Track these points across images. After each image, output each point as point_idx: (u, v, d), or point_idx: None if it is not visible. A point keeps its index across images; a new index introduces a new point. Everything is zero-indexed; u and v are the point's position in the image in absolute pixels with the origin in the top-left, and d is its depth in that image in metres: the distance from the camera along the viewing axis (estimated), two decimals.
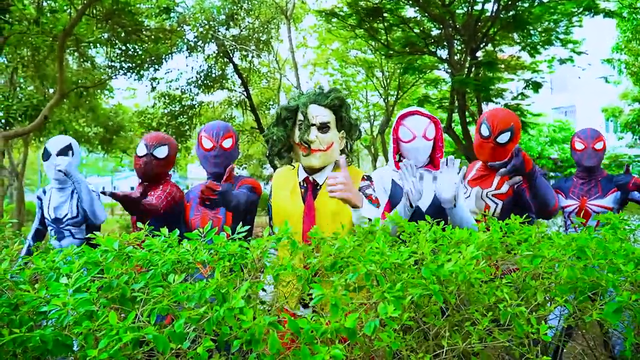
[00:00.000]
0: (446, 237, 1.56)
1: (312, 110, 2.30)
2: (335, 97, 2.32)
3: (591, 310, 1.37)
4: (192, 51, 13.47)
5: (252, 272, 1.38)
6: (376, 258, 1.22)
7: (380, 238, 1.36)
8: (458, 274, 1.17)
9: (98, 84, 11.54)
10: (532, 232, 1.61)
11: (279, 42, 18.44)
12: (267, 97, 19.62)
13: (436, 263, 1.20)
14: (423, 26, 15.24)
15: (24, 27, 8.39)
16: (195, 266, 1.41)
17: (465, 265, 1.17)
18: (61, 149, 3.55)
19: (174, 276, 1.24)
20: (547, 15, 14.04)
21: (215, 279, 1.17)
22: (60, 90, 7.65)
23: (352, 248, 1.34)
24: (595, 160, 3.49)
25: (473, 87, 13.84)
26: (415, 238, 1.55)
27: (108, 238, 1.49)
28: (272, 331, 1.05)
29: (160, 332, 1.05)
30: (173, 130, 15.40)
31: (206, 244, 1.46)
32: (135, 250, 1.47)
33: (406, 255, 1.24)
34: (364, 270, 1.16)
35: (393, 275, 1.24)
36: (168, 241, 1.49)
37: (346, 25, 15.06)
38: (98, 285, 1.27)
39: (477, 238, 1.43)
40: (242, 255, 1.37)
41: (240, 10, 13.78)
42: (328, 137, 2.30)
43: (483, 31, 14.30)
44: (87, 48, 10.30)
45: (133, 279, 1.33)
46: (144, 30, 9.37)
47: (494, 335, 1.27)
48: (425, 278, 1.17)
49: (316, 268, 1.37)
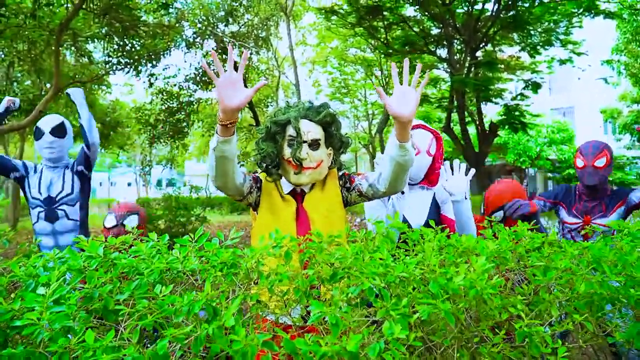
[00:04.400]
0: (452, 245, 1.47)
1: (304, 126, 2.19)
2: (327, 113, 2.22)
3: (610, 327, 1.28)
4: (190, 47, 13.37)
5: (245, 283, 1.28)
6: (380, 270, 1.12)
7: (383, 247, 1.26)
8: (469, 289, 1.08)
9: (95, 78, 11.42)
10: (542, 240, 1.52)
11: (278, 40, 18.36)
12: (266, 95, 19.54)
13: (445, 276, 1.11)
14: (423, 25, 15.19)
15: (21, 20, 8.27)
16: (183, 276, 1.31)
17: (477, 279, 1.07)
18: (54, 127, 3.47)
19: (160, 287, 1.14)
20: (547, 15, 14.00)
21: (205, 291, 1.07)
22: (57, 84, 7.54)
23: (353, 258, 1.25)
24: (596, 178, 3.26)
25: (473, 86, 13.80)
26: (421, 247, 1.45)
27: (92, 242, 1.39)
28: (267, 353, 0.97)
29: (142, 353, 0.96)
30: (170, 126, 15.31)
31: (197, 251, 1.36)
32: (122, 256, 1.37)
33: (412, 267, 1.14)
34: (368, 285, 1.06)
35: (398, 288, 1.14)
36: (157, 247, 1.39)
37: (346, 23, 15.00)
38: (79, 296, 1.17)
39: (486, 247, 1.34)
40: (235, 264, 1.27)
41: (240, 7, 13.68)
42: (318, 155, 2.21)
43: (483, 31, 14.26)
44: (84, 43, 10.18)
45: (118, 289, 1.24)
46: (141, 25, 9.25)
47: (505, 353, 1.18)
48: (434, 294, 1.07)
49: (313, 279, 1.27)
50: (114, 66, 10.40)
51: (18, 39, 9.05)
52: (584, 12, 14.06)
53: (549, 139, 25.79)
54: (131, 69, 10.47)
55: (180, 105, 15.32)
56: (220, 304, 1.10)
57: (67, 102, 14.34)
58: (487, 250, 1.31)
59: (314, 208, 2.23)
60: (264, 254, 1.30)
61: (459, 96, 14.34)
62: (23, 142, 18.25)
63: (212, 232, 1.49)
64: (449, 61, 14.53)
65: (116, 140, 18.70)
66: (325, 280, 1.26)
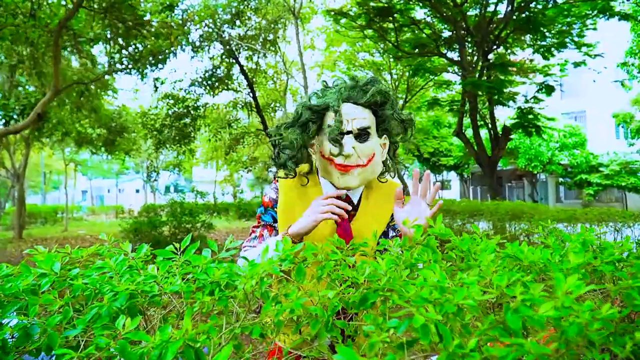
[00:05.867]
0: (511, 256, 1.13)
1: (347, 112, 1.67)
2: (376, 91, 1.69)
3: None
4: (196, 51, 13.14)
5: (241, 314, 0.94)
6: (433, 295, 0.78)
7: (434, 265, 0.92)
8: (566, 326, 0.74)
9: (95, 79, 11.16)
10: (626, 249, 1.18)
11: (286, 43, 18.11)
12: (273, 99, 19.28)
13: (526, 304, 0.77)
14: (434, 28, 14.91)
15: (20, 20, 8.03)
16: (161, 301, 0.97)
17: (581, 310, 0.73)
18: None
19: (124, 320, 0.81)
20: (560, 17, 13.70)
21: (184, 328, 0.74)
22: (56, 85, 7.26)
23: (389, 276, 0.91)
24: None
25: (485, 89, 13.50)
26: (469, 258, 1.11)
27: (48, 255, 1.06)
28: None
29: None
30: (176, 131, 15.11)
31: (183, 267, 1.02)
32: (89, 272, 1.05)
33: (476, 289, 0.80)
34: (422, 321, 0.71)
35: (457, 321, 0.81)
36: (129, 262, 1.05)
37: (355, 25, 14.74)
38: (13, 331, 0.85)
39: (565, 259, 1.01)
40: (231, 284, 0.94)
41: (247, 9, 13.44)
42: (369, 147, 1.68)
43: (495, 33, 13.97)
44: (84, 44, 9.94)
45: (72, 319, 0.91)
46: (145, 25, 8.98)
47: None
48: (513, 330, 0.74)
49: (334, 304, 0.93)
50: (114, 66, 10.15)
51: (18, 41, 8.82)
52: (599, 14, 13.78)
53: (560, 143, 25.39)
54: (134, 70, 10.21)
55: (186, 110, 15.14)
56: (207, 346, 0.77)
57: (73, 108, 14.14)
58: (569, 263, 0.97)
59: (363, 227, 1.73)
60: (268, 271, 0.97)
61: (472, 99, 14.02)
62: (28, 149, 18.10)
63: (218, 239, 1.16)
64: (461, 64, 14.22)
65: (122, 145, 18.51)
66: (352, 304, 0.93)
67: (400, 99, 19.61)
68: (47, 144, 20.67)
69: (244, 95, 16.64)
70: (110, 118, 17.00)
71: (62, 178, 35.07)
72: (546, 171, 26.22)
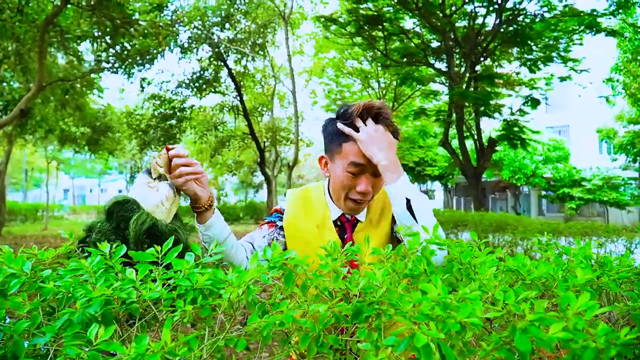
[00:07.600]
0: (512, 270, 1.07)
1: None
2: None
3: None
4: (185, 52, 13.04)
5: (226, 324, 0.87)
6: (435, 312, 0.71)
7: (436, 277, 0.86)
8: (577, 349, 0.67)
9: (81, 77, 11.01)
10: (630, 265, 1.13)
11: (275, 48, 18.05)
12: (260, 103, 19.17)
13: (536, 324, 0.71)
14: (423, 37, 14.96)
15: (7, 15, 7.89)
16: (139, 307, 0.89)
17: (597, 336, 0.67)
18: None
19: (97, 328, 0.73)
20: (547, 31, 13.83)
21: (162, 340, 0.67)
22: (39, 80, 7.12)
23: (386, 289, 0.85)
24: None
25: (473, 100, 13.56)
26: (469, 271, 1.06)
27: (19, 256, 0.98)
28: None
29: None
30: (162, 132, 14.97)
31: (163, 272, 0.95)
32: (64, 273, 0.97)
33: (479, 307, 0.74)
34: (425, 340, 0.64)
35: (459, 339, 0.74)
36: (108, 263, 0.98)
37: (345, 32, 14.74)
38: None
39: (572, 274, 0.95)
40: (215, 291, 0.87)
41: (237, 12, 13.37)
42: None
43: (483, 45, 14.05)
44: (71, 41, 9.79)
45: (42, 325, 0.84)
46: (133, 24, 8.87)
47: None
48: (520, 352, 0.67)
49: (326, 318, 0.86)
50: (103, 67, 10.02)
51: (4, 36, 8.66)
52: (585, 30, 13.92)
53: (544, 156, 25.58)
54: (121, 69, 10.09)
55: (172, 111, 15.01)
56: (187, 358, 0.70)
57: (57, 105, 13.93)
58: (575, 280, 0.91)
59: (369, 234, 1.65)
60: (256, 278, 0.90)
61: (458, 109, 14.07)
62: (10, 145, 17.81)
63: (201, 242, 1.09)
64: (448, 74, 14.28)
65: (106, 145, 18.30)
66: (345, 319, 0.87)
67: None
68: (30, 141, 20.40)
69: (231, 98, 16.55)
70: (95, 117, 16.81)
71: (44, 176, 34.57)
72: (529, 184, 26.39)
